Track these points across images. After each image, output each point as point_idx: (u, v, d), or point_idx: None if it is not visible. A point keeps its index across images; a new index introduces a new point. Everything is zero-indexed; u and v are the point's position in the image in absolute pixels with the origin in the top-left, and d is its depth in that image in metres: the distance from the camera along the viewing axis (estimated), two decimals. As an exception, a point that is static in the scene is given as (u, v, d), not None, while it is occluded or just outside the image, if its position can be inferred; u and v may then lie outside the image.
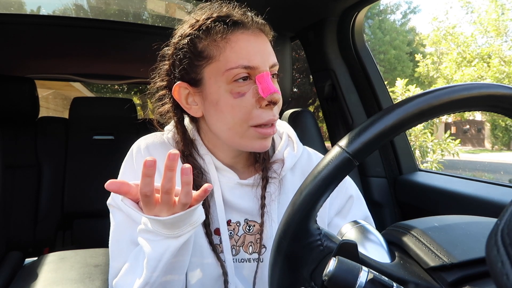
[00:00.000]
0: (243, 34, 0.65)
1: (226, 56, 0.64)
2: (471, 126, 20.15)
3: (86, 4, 3.64)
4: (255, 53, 0.65)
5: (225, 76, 0.64)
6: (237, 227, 0.73)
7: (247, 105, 0.64)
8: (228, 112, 0.65)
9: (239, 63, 0.63)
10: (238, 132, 0.66)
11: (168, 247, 0.58)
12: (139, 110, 11.77)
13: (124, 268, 0.67)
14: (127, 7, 2.99)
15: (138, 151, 0.73)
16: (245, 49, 0.64)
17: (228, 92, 0.64)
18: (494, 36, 13.54)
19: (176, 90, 0.69)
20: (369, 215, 0.81)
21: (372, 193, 1.47)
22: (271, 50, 0.69)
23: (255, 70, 0.64)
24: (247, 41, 0.65)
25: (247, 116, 0.65)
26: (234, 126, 0.66)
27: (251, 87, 0.65)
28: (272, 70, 0.68)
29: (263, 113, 0.65)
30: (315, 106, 11.26)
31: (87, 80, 2.63)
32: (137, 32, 1.80)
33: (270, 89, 0.63)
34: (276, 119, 0.68)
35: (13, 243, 1.62)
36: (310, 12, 1.48)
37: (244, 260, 0.73)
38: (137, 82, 2.87)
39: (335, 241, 0.44)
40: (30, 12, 3.36)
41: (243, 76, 0.64)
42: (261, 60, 0.65)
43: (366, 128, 0.40)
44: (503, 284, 0.21)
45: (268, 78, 0.64)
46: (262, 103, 0.64)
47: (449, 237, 0.44)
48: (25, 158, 1.76)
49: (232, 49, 0.64)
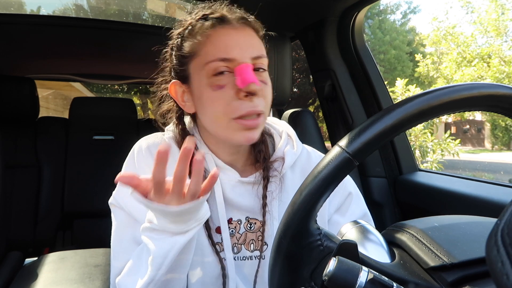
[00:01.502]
0: (223, 29, 0.66)
1: (206, 51, 0.66)
2: (471, 126, 20.15)
3: (86, 4, 3.65)
4: (233, 46, 0.65)
5: (206, 70, 0.66)
6: (238, 225, 0.74)
7: (226, 97, 0.65)
8: (209, 106, 0.67)
9: (216, 55, 0.64)
10: (221, 125, 0.67)
11: (174, 244, 0.58)
12: (139, 110, 11.70)
13: (127, 267, 0.67)
14: (127, 7, 2.99)
15: (139, 151, 0.74)
16: (224, 42, 0.65)
17: (209, 85, 0.66)
18: (494, 36, 13.54)
19: (172, 88, 0.72)
20: (367, 212, 0.82)
21: (372, 193, 1.47)
22: (256, 43, 0.68)
23: (233, 62, 0.64)
24: (226, 35, 0.66)
25: (226, 108, 0.65)
26: (216, 119, 0.67)
27: (230, 80, 0.65)
28: (257, 63, 0.67)
29: (242, 104, 0.64)
30: (315, 106, 11.26)
31: (87, 80, 2.63)
32: (137, 32, 1.79)
33: (248, 79, 0.62)
34: (260, 111, 0.66)
35: (13, 243, 1.61)
36: (310, 12, 1.48)
37: (246, 258, 0.73)
38: (137, 82, 2.87)
39: (335, 241, 0.44)
40: (30, 12, 3.37)
41: (221, 69, 0.65)
42: (240, 52, 0.65)
43: (366, 128, 0.40)
44: (503, 284, 0.21)
45: (247, 69, 0.64)
46: (240, 94, 0.64)
47: (449, 237, 0.44)
48: (25, 158, 1.76)
49: (211, 43, 0.66)
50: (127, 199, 0.70)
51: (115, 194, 0.72)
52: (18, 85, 1.71)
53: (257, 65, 0.67)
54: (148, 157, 0.72)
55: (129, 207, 0.70)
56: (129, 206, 0.70)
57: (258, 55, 0.67)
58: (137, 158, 0.73)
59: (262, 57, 0.68)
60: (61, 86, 6.40)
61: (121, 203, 0.70)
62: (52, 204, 1.79)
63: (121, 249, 0.70)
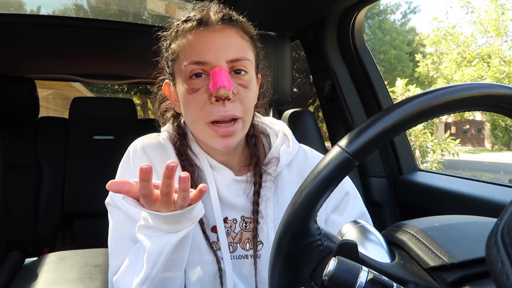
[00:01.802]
0: (201, 31, 0.66)
1: (184, 53, 0.67)
2: (471, 126, 20.14)
3: (86, 4, 3.65)
4: (208, 48, 0.65)
5: (183, 73, 0.66)
6: (233, 224, 0.74)
7: (200, 100, 0.65)
8: (186, 108, 0.68)
9: (191, 58, 0.65)
10: (198, 129, 0.68)
11: (168, 241, 0.58)
12: (139, 110, 11.70)
13: (124, 265, 0.67)
14: (127, 7, 2.99)
15: (134, 151, 0.74)
16: (200, 45, 0.65)
17: (185, 89, 0.67)
18: (494, 36, 13.54)
19: (165, 88, 0.75)
20: (365, 211, 0.82)
21: (372, 193, 1.47)
22: (235, 45, 0.67)
23: (207, 66, 0.65)
24: (203, 37, 0.66)
25: (199, 112, 0.65)
26: (193, 122, 0.68)
27: (205, 83, 0.65)
28: (235, 65, 0.66)
29: (214, 108, 0.64)
30: (315, 106, 11.26)
31: (87, 80, 2.63)
32: (137, 32, 1.79)
33: (217, 84, 0.62)
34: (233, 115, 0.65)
35: (13, 243, 1.62)
36: (310, 12, 1.48)
37: (242, 256, 0.74)
38: (137, 82, 2.87)
39: (335, 241, 0.44)
40: (30, 12, 3.36)
41: (196, 71, 0.65)
42: (215, 55, 0.64)
43: (366, 128, 0.40)
44: (503, 284, 0.21)
45: (220, 73, 0.63)
46: (212, 99, 0.64)
47: (449, 237, 0.44)
48: (25, 158, 1.76)
49: (189, 46, 0.66)
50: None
51: (112, 194, 0.72)
52: (18, 85, 1.71)
53: (236, 67, 0.66)
54: (143, 157, 0.73)
55: (125, 207, 0.70)
56: (125, 205, 0.70)
57: (237, 57, 0.66)
58: (133, 159, 0.74)
59: (241, 59, 0.66)
60: (61, 86, 6.40)
61: (117, 203, 0.71)
62: (52, 204, 1.79)
63: (118, 248, 0.70)
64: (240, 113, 0.66)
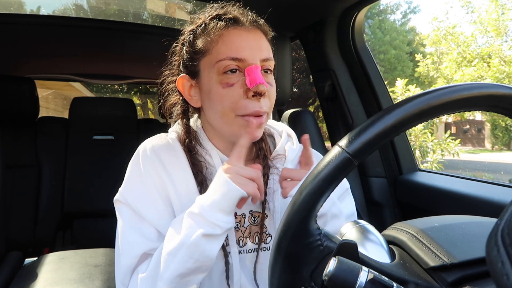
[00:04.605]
0: (235, 30, 0.69)
1: (218, 49, 0.69)
2: (471, 126, 20.14)
3: (86, 4, 3.65)
4: (244, 47, 0.68)
5: (216, 68, 0.68)
6: (243, 219, 0.76)
7: (234, 94, 0.68)
8: (217, 101, 0.69)
9: (227, 54, 0.67)
10: (227, 121, 0.70)
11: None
12: (139, 110, 11.68)
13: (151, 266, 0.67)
14: (127, 7, 2.99)
15: (144, 152, 0.75)
16: (235, 42, 0.68)
17: (218, 82, 0.69)
18: (494, 36, 13.53)
19: (180, 82, 0.75)
20: (355, 212, 0.85)
21: (372, 193, 1.47)
22: (265, 46, 0.71)
23: (244, 62, 0.68)
24: (238, 36, 0.69)
25: (234, 105, 0.68)
26: (223, 115, 0.70)
27: (240, 79, 0.68)
28: (265, 65, 0.70)
29: (249, 103, 0.68)
30: (315, 106, 11.26)
31: (87, 80, 2.63)
32: (137, 32, 1.79)
33: (256, 80, 0.66)
34: (264, 111, 0.69)
35: (13, 243, 1.62)
36: (310, 12, 1.48)
37: (251, 250, 0.75)
38: (137, 82, 2.87)
39: (335, 241, 0.44)
40: (30, 12, 3.37)
41: (232, 67, 0.68)
42: (250, 53, 0.68)
43: (366, 128, 0.40)
44: (503, 284, 0.21)
45: (256, 70, 0.67)
46: (249, 94, 0.67)
47: (449, 237, 0.44)
48: (25, 158, 1.76)
49: (223, 42, 0.69)
50: (134, 196, 0.71)
51: (122, 190, 0.73)
52: (18, 85, 1.71)
53: (265, 67, 0.71)
54: (153, 157, 0.74)
55: (136, 204, 0.71)
56: (136, 202, 0.71)
57: (267, 57, 0.70)
58: (142, 159, 0.74)
59: (269, 59, 0.71)
60: (61, 86, 6.39)
61: (128, 200, 0.71)
62: (52, 204, 1.79)
63: (130, 246, 0.70)
64: (268, 109, 0.71)
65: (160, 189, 0.71)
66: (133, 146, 0.80)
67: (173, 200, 0.71)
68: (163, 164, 0.73)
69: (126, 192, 0.73)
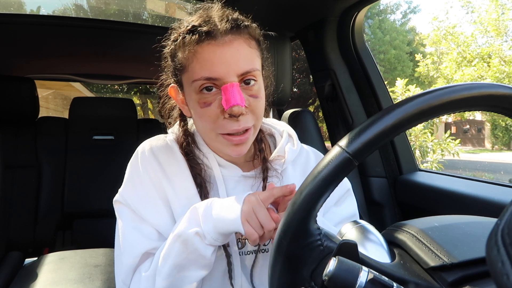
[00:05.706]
0: (209, 45, 0.64)
1: (193, 68, 0.66)
2: (471, 126, 20.13)
3: (86, 4, 3.65)
4: (219, 64, 0.63)
5: (193, 86, 0.66)
6: None
7: (212, 114, 0.66)
8: (198, 120, 0.69)
9: (201, 74, 0.64)
10: (210, 139, 0.70)
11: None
12: (139, 110, 11.69)
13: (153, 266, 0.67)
14: (127, 7, 2.99)
15: (143, 153, 0.75)
16: (209, 60, 0.64)
17: (197, 102, 0.67)
18: (494, 36, 13.53)
19: (172, 91, 0.75)
20: (357, 213, 0.84)
21: (372, 193, 1.47)
22: (244, 56, 0.66)
23: (219, 81, 0.64)
24: (212, 52, 0.64)
25: (213, 125, 0.67)
26: (205, 133, 0.70)
27: (217, 97, 0.65)
28: (246, 76, 0.66)
29: (227, 123, 0.66)
30: (315, 106, 11.27)
31: (87, 80, 2.63)
32: (137, 32, 1.79)
33: (231, 101, 0.63)
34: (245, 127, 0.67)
35: (13, 243, 1.62)
36: (310, 12, 1.48)
37: (250, 252, 0.75)
38: (137, 82, 2.87)
39: (335, 241, 0.44)
40: (30, 12, 3.37)
41: (207, 86, 0.65)
42: (225, 70, 0.63)
43: (366, 128, 0.40)
44: (503, 284, 0.21)
45: (232, 89, 0.63)
46: (225, 114, 0.65)
47: (449, 237, 0.44)
48: (25, 158, 1.76)
49: (197, 60, 0.65)
50: (134, 197, 0.71)
51: (122, 191, 0.73)
52: (18, 85, 1.70)
53: (246, 78, 0.66)
54: (151, 158, 0.74)
55: (135, 205, 0.71)
56: (136, 203, 0.71)
57: (246, 70, 0.65)
58: (141, 160, 0.74)
59: (251, 70, 0.66)
60: (61, 86, 6.40)
61: (127, 201, 0.71)
62: (52, 204, 1.79)
63: (131, 245, 0.70)
64: (251, 123, 0.68)
65: (159, 190, 0.72)
66: (133, 146, 0.81)
67: (172, 201, 0.71)
68: (162, 165, 0.73)
69: (126, 193, 0.73)
